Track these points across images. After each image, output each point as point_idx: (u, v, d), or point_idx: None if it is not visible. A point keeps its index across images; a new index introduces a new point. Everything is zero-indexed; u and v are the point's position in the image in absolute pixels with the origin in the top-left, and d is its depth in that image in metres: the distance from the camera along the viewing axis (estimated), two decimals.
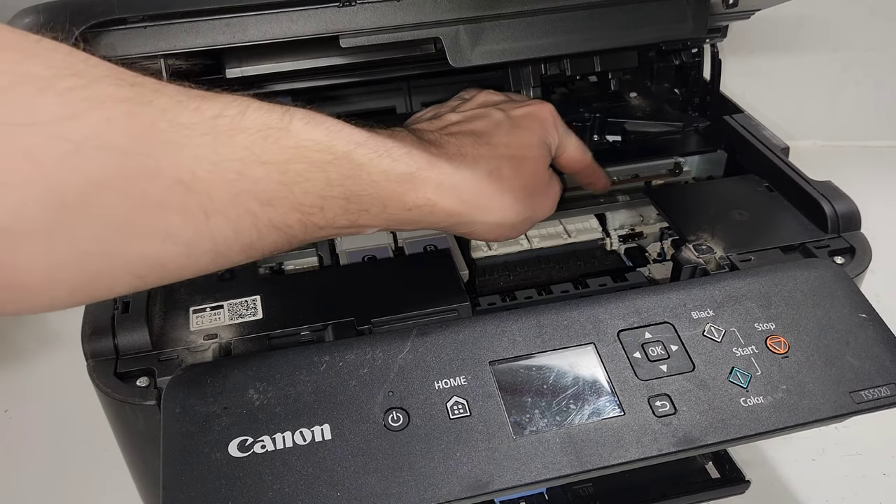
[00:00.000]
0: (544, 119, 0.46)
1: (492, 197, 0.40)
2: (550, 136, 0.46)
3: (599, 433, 0.36)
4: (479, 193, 0.40)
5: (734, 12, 0.55)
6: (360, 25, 0.43)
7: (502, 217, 0.41)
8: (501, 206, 0.41)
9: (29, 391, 0.65)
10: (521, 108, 0.46)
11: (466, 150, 0.41)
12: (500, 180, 0.41)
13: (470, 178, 0.40)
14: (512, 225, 0.42)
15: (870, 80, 0.92)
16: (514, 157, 0.42)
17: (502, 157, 0.42)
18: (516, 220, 0.42)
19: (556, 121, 0.46)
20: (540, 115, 0.46)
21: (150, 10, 0.40)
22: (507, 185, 0.41)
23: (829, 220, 0.47)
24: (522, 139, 0.44)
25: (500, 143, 0.42)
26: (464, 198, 0.39)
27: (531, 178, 0.43)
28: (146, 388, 0.38)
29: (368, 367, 0.37)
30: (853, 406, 0.37)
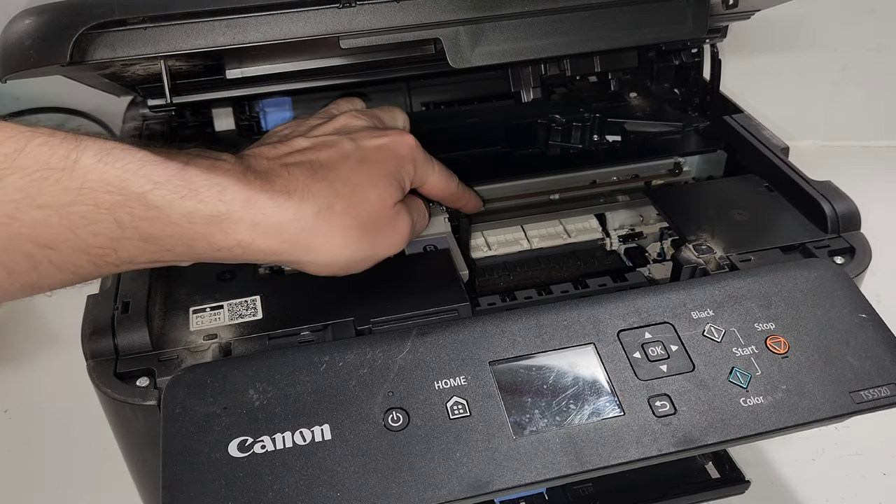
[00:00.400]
0: (397, 152, 0.43)
1: (317, 236, 0.38)
2: (403, 171, 0.43)
3: (599, 433, 0.36)
4: (303, 234, 0.37)
5: (734, 13, 0.55)
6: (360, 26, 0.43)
7: (331, 257, 0.39)
8: (329, 246, 0.39)
9: (29, 391, 0.65)
10: (375, 138, 0.43)
11: (296, 187, 0.38)
12: (331, 219, 0.38)
13: (293, 217, 0.37)
14: (345, 264, 0.40)
15: (870, 80, 0.92)
16: (350, 194, 0.39)
17: (337, 193, 0.39)
18: (350, 260, 0.40)
19: (414, 153, 0.44)
20: (394, 149, 0.43)
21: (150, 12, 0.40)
22: (340, 224, 0.39)
23: (829, 220, 0.47)
24: (366, 174, 0.41)
25: (339, 178, 0.40)
26: (284, 237, 0.37)
27: (370, 216, 0.40)
28: (146, 388, 0.38)
29: (368, 368, 0.37)
30: (853, 406, 0.37)
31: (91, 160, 0.32)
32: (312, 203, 0.38)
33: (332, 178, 0.40)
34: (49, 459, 0.59)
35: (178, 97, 0.54)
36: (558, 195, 0.57)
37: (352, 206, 0.39)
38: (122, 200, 0.33)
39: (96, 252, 0.33)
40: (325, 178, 0.39)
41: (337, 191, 0.39)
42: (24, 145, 0.31)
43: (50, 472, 0.58)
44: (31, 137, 0.31)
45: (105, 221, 0.32)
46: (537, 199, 0.57)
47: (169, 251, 0.35)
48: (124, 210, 0.33)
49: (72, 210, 0.32)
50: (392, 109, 0.50)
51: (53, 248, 0.32)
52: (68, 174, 0.32)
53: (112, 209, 0.32)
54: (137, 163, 0.33)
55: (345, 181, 0.40)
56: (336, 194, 0.39)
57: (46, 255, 0.32)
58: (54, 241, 0.32)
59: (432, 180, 0.46)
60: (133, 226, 0.33)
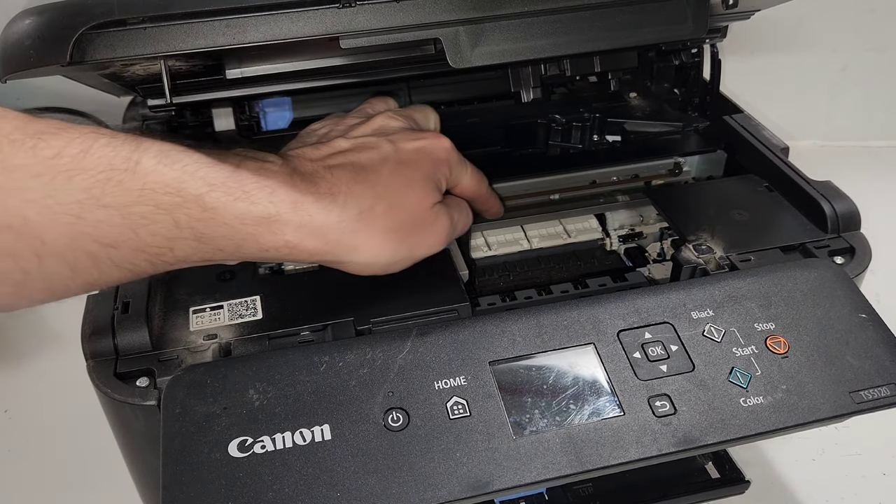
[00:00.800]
0: (435, 155, 0.44)
1: (360, 237, 0.39)
2: (440, 172, 0.44)
3: (599, 433, 0.36)
4: (345, 235, 0.38)
5: (734, 13, 0.55)
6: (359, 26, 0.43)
7: (371, 257, 0.40)
8: (370, 247, 0.39)
9: (29, 391, 0.65)
10: (413, 141, 0.44)
11: (340, 188, 0.39)
12: (372, 220, 0.39)
13: (337, 219, 0.38)
14: (385, 264, 0.41)
15: (870, 80, 0.92)
16: (391, 196, 0.40)
17: (378, 195, 0.40)
18: (390, 260, 0.41)
19: (449, 155, 0.45)
20: (431, 151, 0.44)
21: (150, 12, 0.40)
22: (380, 225, 0.39)
23: (828, 220, 0.47)
24: (405, 176, 0.42)
25: (380, 181, 0.41)
26: (328, 238, 0.38)
27: (409, 217, 0.41)
28: (146, 388, 0.38)
29: (368, 368, 0.37)
30: (853, 406, 0.37)
31: (151, 162, 0.33)
32: (355, 205, 0.39)
33: (373, 180, 0.40)
34: (49, 459, 0.59)
35: (177, 97, 0.54)
36: (558, 195, 0.57)
37: (392, 208, 0.40)
38: (180, 202, 0.33)
39: (153, 251, 0.34)
40: (367, 180, 0.40)
41: (377, 193, 0.40)
42: (89, 146, 0.32)
43: (50, 472, 0.58)
44: (96, 138, 0.32)
45: (164, 222, 0.33)
46: (537, 199, 0.57)
47: (220, 251, 0.36)
48: (182, 211, 0.33)
49: (133, 210, 0.32)
50: (424, 109, 0.51)
51: (115, 247, 0.33)
52: (130, 175, 0.32)
53: (170, 210, 0.33)
54: (194, 165, 0.34)
55: (385, 184, 0.41)
56: (377, 196, 0.40)
57: (108, 253, 0.33)
58: (116, 240, 0.32)
59: (465, 182, 0.47)
60: (189, 226, 0.34)
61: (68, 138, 0.31)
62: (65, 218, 0.31)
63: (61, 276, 0.32)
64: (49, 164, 0.30)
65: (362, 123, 0.46)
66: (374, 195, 0.40)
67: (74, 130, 0.32)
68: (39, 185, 0.30)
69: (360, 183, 0.40)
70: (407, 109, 0.50)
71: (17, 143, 0.30)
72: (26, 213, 0.30)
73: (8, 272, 0.31)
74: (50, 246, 0.31)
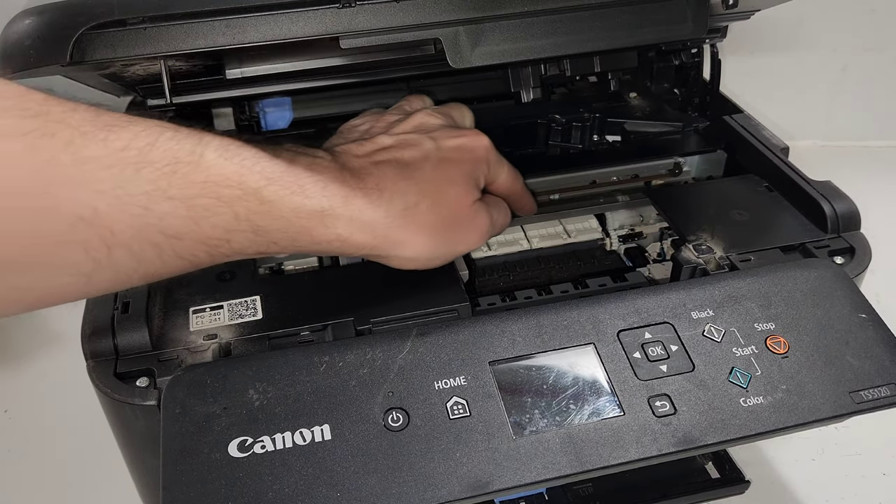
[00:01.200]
0: (475, 153, 0.45)
1: (405, 233, 0.40)
2: (479, 170, 0.45)
3: (599, 433, 0.36)
4: (391, 229, 0.39)
5: (734, 13, 0.55)
6: (359, 26, 0.43)
7: (415, 252, 0.41)
8: (415, 243, 0.40)
9: (29, 391, 0.65)
10: (453, 138, 0.45)
11: (386, 184, 0.40)
12: (416, 216, 0.40)
13: (384, 214, 0.39)
14: (428, 259, 0.42)
15: (870, 80, 0.92)
16: (434, 193, 0.41)
17: (422, 192, 0.41)
18: (432, 255, 0.42)
19: (488, 153, 0.46)
20: (471, 149, 0.45)
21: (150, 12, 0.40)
22: (423, 221, 0.40)
23: (828, 220, 0.47)
24: (447, 174, 0.43)
25: (423, 178, 0.41)
26: (376, 233, 0.39)
27: (451, 214, 0.42)
28: (146, 388, 0.38)
29: (368, 368, 0.37)
30: (853, 406, 0.37)
31: (213, 155, 0.34)
32: (400, 201, 0.40)
33: (417, 177, 0.41)
34: (49, 459, 0.59)
35: (178, 97, 0.54)
36: (558, 195, 0.57)
37: (434, 204, 0.41)
38: (240, 195, 0.34)
39: (213, 243, 0.35)
40: (411, 176, 0.41)
41: (421, 189, 0.41)
42: (155, 139, 0.32)
43: (50, 472, 0.58)
44: (161, 132, 0.33)
45: (224, 214, 0.34)
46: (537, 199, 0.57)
47: (275, 243, 0.37)
48: (241, 204, 0.34)
49: (196, 203, 0.33)
50: (460, 107, 0.52)
51: (178, 239, 0.33)
52: (194, 168, 0.33)
53: (231, 202, 0.34)
54: (252, 159, 0.35)
55: (428, 180, 0.41)
56: (421, 193, 0.41)
57: (171, 244, 0.33)
58: (179, 231, 0.33)
59: (502, 179, 0.47)
60: (247, 218, 0.35)
61: (136, 131, 0.32)
62: (133, 209, 0.31)
63: (127, 267, 0.33)
64: (119, 157, 0.31)
65: (402, 120, 0.47)
66: (418, 192, 0.41)
67: (141, 123, 0.33)
68: (110, 176, 0.31)
69: (404, 179, 0.41)
70: (444, 107, 0.50)
71: (88, 136, 0.31)
72: (97, 205, 0.30)
73: (80, 263, 0.31)
74: (118, 237, 0.31)
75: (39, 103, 0.30)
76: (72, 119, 0.30)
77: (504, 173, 0.48)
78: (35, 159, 0.29)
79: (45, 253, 0.30)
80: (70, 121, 0.30)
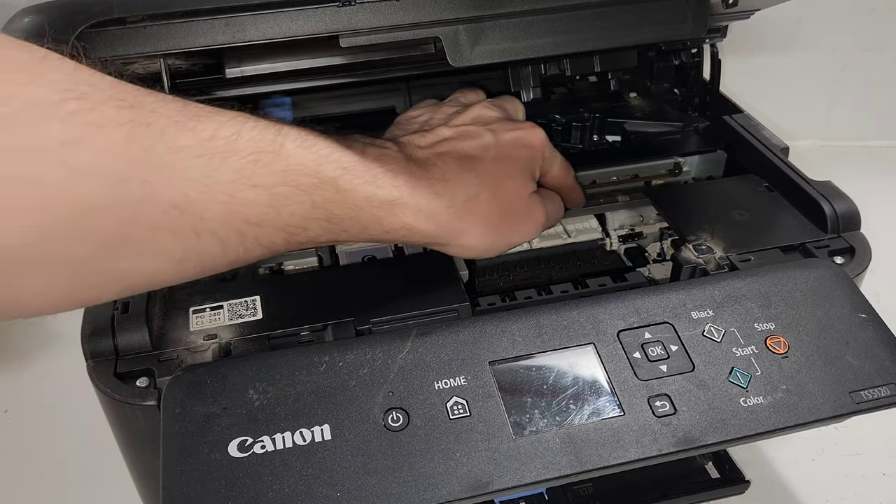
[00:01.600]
0: (532, 146, 0.46)
1: (466, 223, 0.41)
2: (535, 162, 0.46)
3: (599, 433, 0.36)
4: (454, 219, 0.40)
5: (734, 12, 0.55)
6: (359, 25, 0.43)
7: (475, 242, 0.42)
8: (475, 233, 0.41)
9: (29, 391, 0.65)
10: (511, 131, 0.45)
11: (450, 175, 0.41)
12: (477, 207, 0.41)
13: (448, 204, 0.40)
14: (486, 249, 0.43)
15: (870, 80, 0.92)
16: (493, 185, 0.42)
17: (482, 183, 0.42)
18: (491, 245, 0.43)
19: (544, 146, 0.47)
20: (528, 142, 0.46)
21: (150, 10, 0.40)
22: (484, 211, 0.41)
23: (828, 220, 0.47)
24: (506, 166, 0.44)
25: (484, 170, 0.42)
26: (440, 222, 0.40)
27: (509, 205, 0.43)
28: (146, 388, 0.38)
29: (368, 368, 0.37)
30: (853, 406, 0.37)
31: (292, 145, 0.35)
32: (463, 192, 0.41)
33: (478, 168, 0.42)
34: (49, 459, 0.59)
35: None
36: None
37: (494, 195, 0.42)
38: (317, 183, 0.35)
39: (291, 230, 0.35)
40: (473, 168, 0.42)
41: (482, 181, 0.42)
42: (239, 129, 0.33)
43: (50, 472, 0.58)
44: (244, 121, 0.34)
45: (303, 203, 0.35)
46: None
47: (346, 231, 0.38)
48: (319, 192, 0.35)
49: (277, 191, 0.34)
50: (513, 100, 0.52)
51: (260, 226, 0.34)
52: (275, 157, 0.34)
53: (309, 191, 0.35)
54: (328, 149, 0.36)
55: (488, 172, 0.43)
56: (481, 184, 0.42)
57: (253, 232, 0.34)
58: (261, 219, 0.34)
59: (555, 171, 0.48)
60: (323, 206, 0.36)
61: (221, 121, 0.33)
62: (220, 196, 0.32)
63: (213, 254, 0.33)
64: (207, 146, 0.32)
65: (460, 112, 0.47)
66: (478, 183, 0.42)
67: (225, 114, 0.34)
68: (199, 165, 0.31)
69: (466, 171, 0.42)
70: (499, 100, 0.51)
71: (179, 125, 0.31)
72: (188, 192, 0.31)
73: (171, 249, 0.32)
74: (207, 223, 0.32)
75: (133, 94, 0.31)
76: (164, 109, 0.31)
77: (557, 166, 0.48)
78: (134, 148, 0.30)
79: (142, 238, 0.31)
80: (163, 111, 0.31)
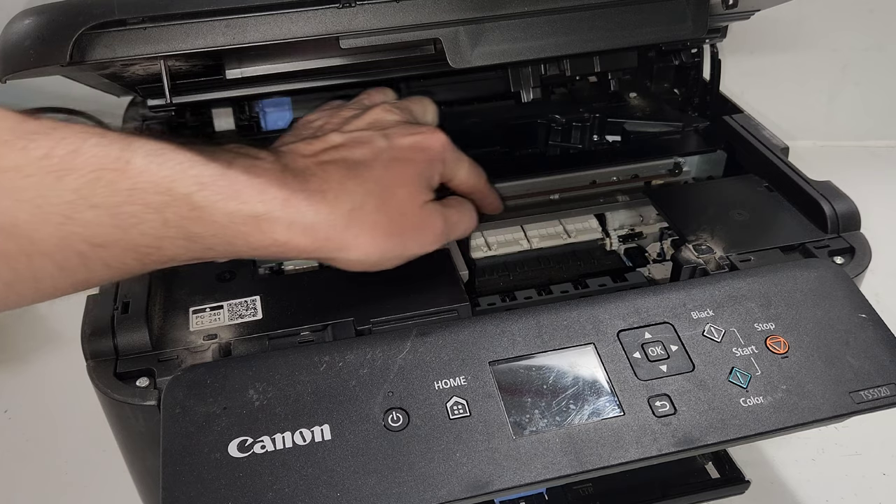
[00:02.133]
0: (430, 150, 0.43)
1: (349, 235, 0.38)
2: (433, 169, 0.43)
3: (599, 433, 0.36)
4: (336, 232, 0.38)
5: (734, 13, 0.55)
6: (359, 26, 0.43)
7: (362, 254, 0.39)
8: (361, 245, 0.39)
9: (29, 391, 0.65)
10: (407, 136, 0.43)
11: (331, 185, 0.39)
12: (362, 217, 0.39)
13: (327, 216, 0.38)
14: (376, 261, 0.40)
15: (870, 80, 0.92)
16: (382, 193, 0.40)
17: (369, 192, 0.39)
18: (381, 258, 0.40)
19: (444, 151, 0.44)
20: (426, 146, 0.43)
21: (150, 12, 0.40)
22: (369, 222, 0.39)
23: (828, 220, 0.47)
24: (397, 173, 0.41)
25: (372, 177, 0.40)
26: (318, 236, 0.38)
27: (399, 215, 0.40)
28: (146, 388, 0.38)
29: (368, 368, 0.37)
30: (853, 406, 0.37)
31: (142, 161, 0.33)
32: (346, 202, 0.39)
33: (366, 176, 0.40)
34: (49, 459, 0.59)
35: (177, 97, 0.54)
36: (558, 195, 0.57)
37: (382, 204, 0.40)
38: (169, 201, 0.33)
39: (143, 251, 0.34)
40: (359, 176, 0.40)
41: (369, 189, 0.40)
42: (79, 146, 0.32)
43: (50, 472, 0.58)
44: (86, 138, 0.32)
45: (153, 221, 0.33)
46: (537, 199, 0.57)
47: (210, 249, 0.36)
48: (171, 210, 0.33)
49: (122, 210, 0.32)
50: (422, 101, 0.50)
51: (104, 247, 0.33)
52: (120, 175, 0.32)
53: (159, 209, 0.33)
54: (186, 163, 0.34)
55: (376, 180, 0.40)
56: (368, 193, 0.39)
57: (97, 253, 0.33)
58: (105, 240, 0.32)
59: (461, 176, 0.46)
60: (178, 225, 0.34)
61: (58, 138, 0.31)
62: (55, 218, 0.31)
63: (50, 276, 0.32)
64: (39, 165, 0.30)
65: (357, 117, 0.45)
66: (364, 192, 0.39)
67: (65, 130, 0.32)
68: (30, 185, 0.30)
69: (351, 179, 0.39)
70: (404, 101, 0.49)
71: (8, 144, 0.30)
72: (17, 215, 0.30)
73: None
74: (39, 246, 0.31)
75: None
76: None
77: (463, 171, 0.46)
78: None
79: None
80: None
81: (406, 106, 0.48)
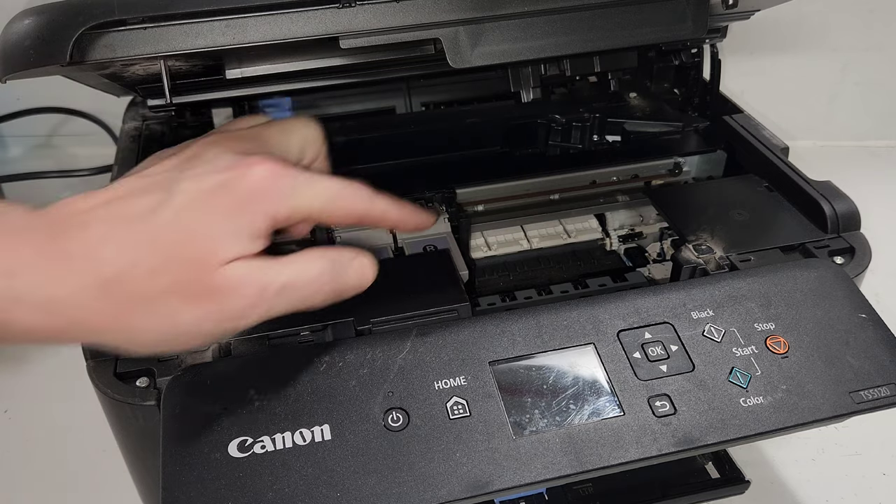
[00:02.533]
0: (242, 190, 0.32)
1: (104, 313, 0.30)
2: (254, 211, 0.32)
3: (599, 433, 0.36)
4: (82, 309, 0.30)
5: (734, 13, 0.55)
6: (359, 26, 0.43)
7: (124, 339, 0.31)
8: (118, 326, 0.31)
9: (29, 391, 0.65)
10: (214, 174, 0.33)
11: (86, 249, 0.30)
12: (125, 287, 0.30)
13: (74, 288, 0.30)
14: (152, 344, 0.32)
15: (870, 80, 0.92)
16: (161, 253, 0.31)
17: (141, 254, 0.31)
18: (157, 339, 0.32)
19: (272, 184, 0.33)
20: (234, 186, 0.32)
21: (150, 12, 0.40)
22: (135, 293, 0.30)
23: (828, 220, 0.47)
24: (188, 226, 0.31)
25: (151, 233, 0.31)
26: (55, 314, 0.30)
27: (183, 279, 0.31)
28: (146, 388, 0.38)
29: (368, 368, 0.37)
30: (853, 406, 0.37)
31: None
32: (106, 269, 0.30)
33: (143, 232, 0.31)
34: (49, 459, 0.59)
35: (177, 97, 0.54)
36: (558, 195, 0.57)
37: (160, 268, 0.31)
38: None
39: None
40: (134, 232, 0.31)
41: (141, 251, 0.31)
42: None
43: (50, 472, 0.58)
44: None
45: None
46: (537, 199, 0.57)
47: None
48: None
49: None
50: (289, 124, 0.39)
51: None
52: None
53: None
54: None
55: (152, 238, 0.31)
56: (139, 255, 0.31)
57: None
58: None
59: (319, 206, 0.34)
60: None
61: None
62: None
63: None
64: None
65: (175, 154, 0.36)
66: (135, 254, 0.31)
67: None
68: None
69: (114, 242, 0.31)
70: (263, 128, 0.39)
71: None
72: None
73: None
74: None
75: None
76: None
77: (321, 199, 0.34)
78: None
79: None
80: None
81: (258, 134, 0.38)
